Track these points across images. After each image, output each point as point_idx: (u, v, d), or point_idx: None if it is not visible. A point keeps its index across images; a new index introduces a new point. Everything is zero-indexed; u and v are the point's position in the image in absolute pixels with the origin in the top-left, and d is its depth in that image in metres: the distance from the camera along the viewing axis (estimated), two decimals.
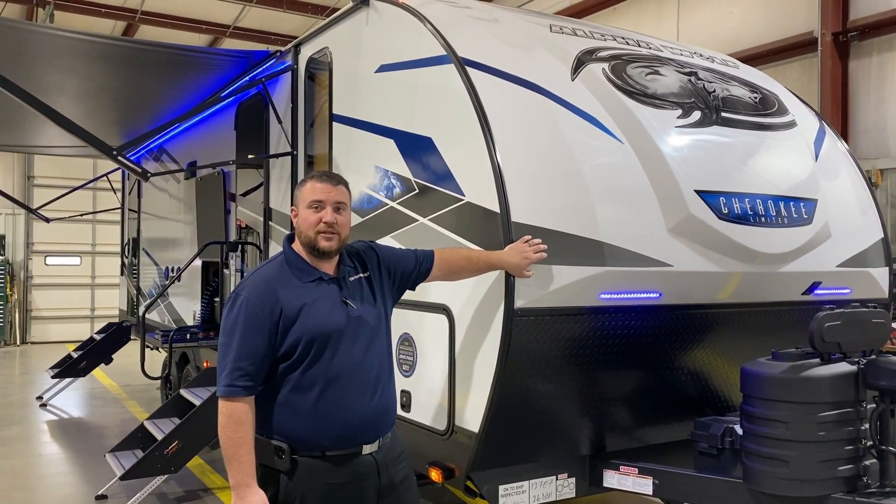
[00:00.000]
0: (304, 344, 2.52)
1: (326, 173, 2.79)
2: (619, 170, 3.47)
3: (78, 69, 5.95)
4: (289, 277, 2.62)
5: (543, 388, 3.35)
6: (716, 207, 3.53)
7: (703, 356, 3.82)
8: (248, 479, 2.48)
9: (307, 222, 2.65)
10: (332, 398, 2.54)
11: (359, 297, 2.70)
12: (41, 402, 9.29)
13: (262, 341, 2.49)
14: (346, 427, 2.56)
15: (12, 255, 15.88)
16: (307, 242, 2.66)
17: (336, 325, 2.57)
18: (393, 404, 2.74)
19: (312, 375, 2.53)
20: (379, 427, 2.66)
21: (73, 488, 5.94)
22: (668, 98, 3.79)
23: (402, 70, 3.93)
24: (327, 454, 2.55)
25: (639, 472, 3.56)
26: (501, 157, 3.23)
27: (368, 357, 2.63)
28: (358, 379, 2.59)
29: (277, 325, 2.51)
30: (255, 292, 2.55)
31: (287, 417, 2.54)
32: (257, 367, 2.49)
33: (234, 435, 2.47)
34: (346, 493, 2.57)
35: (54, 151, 10.91)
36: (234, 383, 2.47)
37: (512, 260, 3.08)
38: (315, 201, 2.65)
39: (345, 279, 2.70)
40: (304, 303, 2.56)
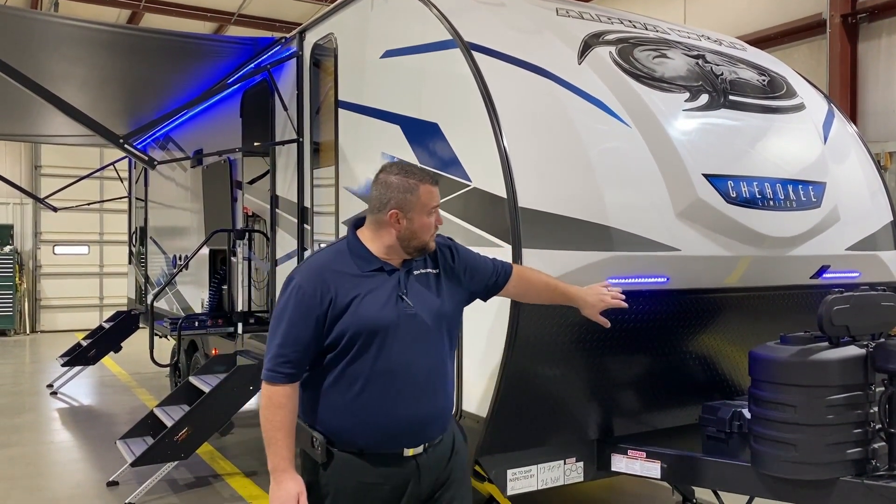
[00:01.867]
0: (350, 337, 2.41)
1: (426, 171, 2.64)
2: (626, 154, 3.45)
3: (83, 58, 5.95)
4: (347, 265, 2.50)
5: (551, 373, 3.35)
6: (724, 191, 3.51)
7: (711, 341, 3.81)
8: (285, 464, 2.41)
9: (426, 229, 2.52)
10: (374, 397, 2.43)
11: (419, 293, 2.53)
12: (52, 391, 9.36)
13: (309, 330, 2.41)
14: (385, 428, 2.45)
15: (21, 244, 15.94)
16: (420, 247, 2.54)
17: (386, 321, 2.43)
18: (446, 409, 2.58)
19: (355, 370, 2.43)
20: (424, 432, 2.50)
21: (84, 475, 5.99)
22: (676, 81, 3.76)
23: (407, 55, 3.91)
24: (364, 452, 2.46)
25: (647, 457, 3.57)
26: (508, 142, 3.22)
27: (419, 358, 2.48)
28: (404, 380, 2.45)
29: (326, 314, 2.41)
30: (307, 279, 2.46)
31: (326, 409, 2.47)
32: (301, 355, 2.42)
33: (273, 418, 2.41)
34: (381, 495, 2.47)
35: (61, 141, 10.92)
36: (276, 369, 2.42)
37: (588, 299, 2.94)
38: (434, 207, 2.55)
39: (409, 272, 2.55)
40: (358, 293, 2.44)
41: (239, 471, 5.90)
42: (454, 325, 2.65)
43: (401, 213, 2.48)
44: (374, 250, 2.52)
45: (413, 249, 2.53)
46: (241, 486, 5.56)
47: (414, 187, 2.50)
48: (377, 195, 2.53)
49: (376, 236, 2.53)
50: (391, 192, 2.50)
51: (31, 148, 15.87)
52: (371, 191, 2.55)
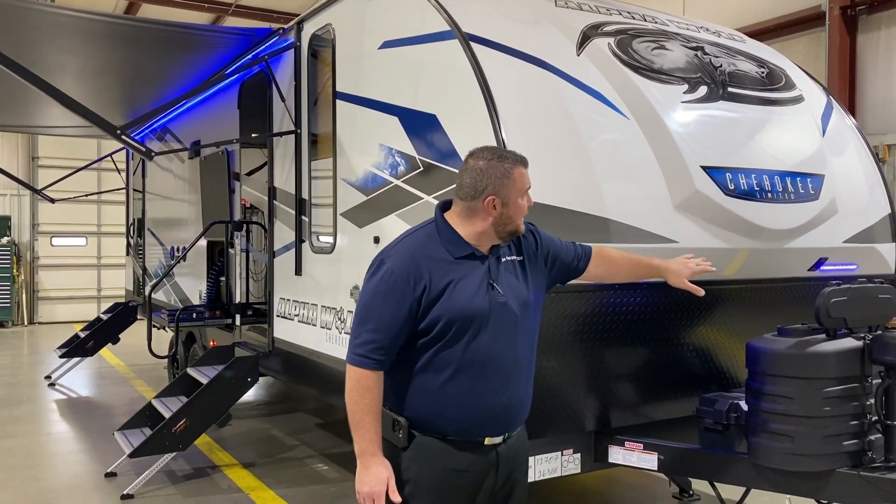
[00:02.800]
0: (444, 324, 2.35)
1: (517, 154, 2.52)
2: (624, 146, 3.45)
3: (80, 48, 5.92)
4: (438, 250, 2.42)
5: (549, 365, 3.35)
6: (722, 183, 3.51)
7: (709, 333, 3.82)
8: (374, 448, 2.37)
9: (522, 212, 2.47)
10: (461, 385, 2.38)
11: (507, 281, 2.47)
12: (49, 382, 9.36)
13: (401, 315, 2.34)
14: (470, 415, 2.41)
15: (18, 235, 15.92)
16: (513, 231, 2.47)
17: (479, 310, 2.37)
18: (526, 401, 2.54)
19: (445, 358, 2.37)
20: (506, 423, 2.48)
21: (83, 466, 6.00)
22: (675, 73, 3.75)
23: (405, 46, 3.90)
24: (447, 438, 2.42)
25: (644, 448, 3.57)
26: (506, 133, 3.22)
27: (507, 348, 2.43)
28: (492, 370, 2.41)
29: (420, 300, 2.34)
30: (400, 262, 2.37)
31: (412, 395, 2.42)
32: (393, 340, 2.36)
33: (360, 401, 2.36)
34: (462, 481, 2.43)
35: (58, 132, 10.89)
36: (367, 355, 2.36)
37: (673, 267, 2.93)
38: (527, 188, 2.48)
39: (498, 259, 2.48)
40: (451, 280, 2.37)
41: (237, 462, 5.91)
42: (538, 314, 2.59)
43: (497, 198, 2.41)
44: (464, 235, 2.44)
45: (507, 234, 2.47)
46: (238, 477, 5.57)
47: (509, 172, 2.42)
48: (470, 182, 2.43)
49: (468, 222, 2.44)
50: (486, 179, 2.41)
51: (29, 139, 15.83)
52: (461, 177, 2.46)
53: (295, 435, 6.73)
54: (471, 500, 2.45)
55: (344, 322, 4.53)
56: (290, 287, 5.24)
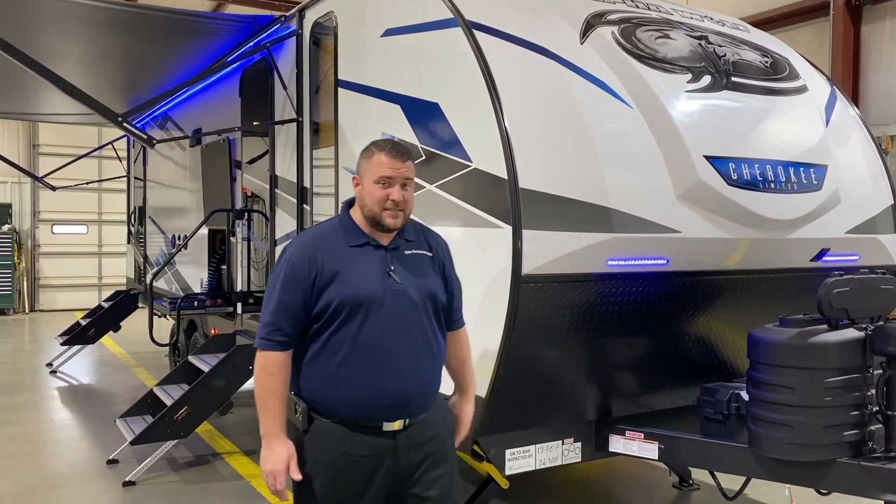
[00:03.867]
0: (335, 307, 2.46)
1: (395, 145, 2.61)
2: (628, 135, 3.44)
3: (81, 35, 5.90)
4: (336, 239, 2.57)
5: (550, 355, 3.36)
6: (725, 173, 3.50)
7: (710, 323, 3.82)
8: (277, 429, 2.48)
9: (373, 197, 2.53)
10: (355, 367, 2.47)
11: (410, 271, 2.56)
12: (51, 369, 9.38)
13: (299, 299, 2.48)
14: (365, 399, 2.47)
15: (19, 223, 15.92)
16: (371, 217, 2.55)
17: (370, 295, 2.47)
18: (430, 388, 2.58)
19: (338, 340, 2.47)
20: (402, 409, 2.50)
21: (84, 453, 6.02)
22: (678, 62, 3.74)
23: (408, 34, 3.88)
24: (344, 422, 2.49)
25: (644, 437, 3.59)
26: (509, 122, 3.20)
27: (404, 333, 2.50)
28: (387, 354, 2.47)
29: (313, 284, 2.48)
30: (298, 251, 2.54)
31: (310, 377, 2.52)
32: (292, 323, 2.49)
33: (265, 385, 2.49)
34: (358, 465, 2.49)
35: (59, 119, 10.86)
36: (269, 337, 2.49)
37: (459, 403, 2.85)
38: (384, 177, 2.52)
39: (397, 250, 2.58)
40: (344, 266, 2.50)
41: (238, 449, 5.93)
42: (442, 306, 2.64)
43: (358, 177, 2.59)
44: (359, 224, 2.59)
45: (370, 219, 2.55)
46: (240, 464, 5.59)
47: (370, 154, 2.57)
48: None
49: (356, 208, 2.61)
50: (358, 162, 2.63)
51: (29, 126, 15.80)
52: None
53: None
54: (367, 485, 2.49)
55: None
56: None
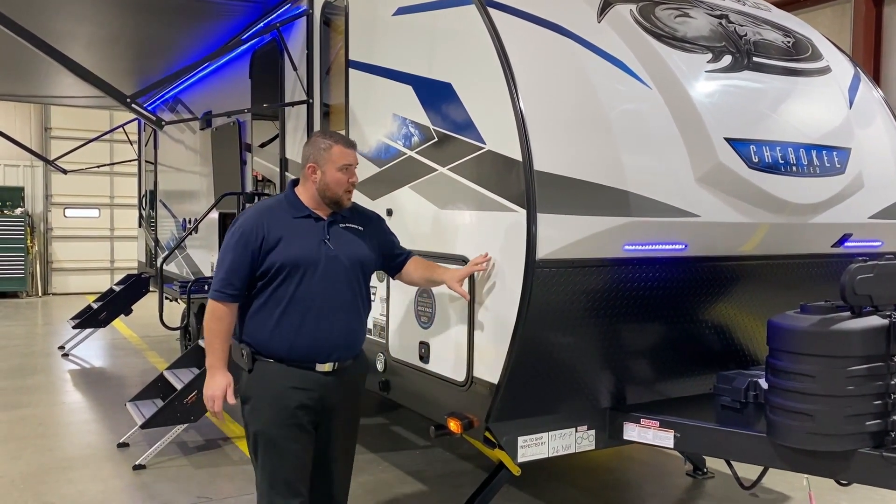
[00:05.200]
0: (277, 268, 2.98)
1: (344, 136, 3.24)
2: (646, 116, 3.34)
3: (90, 16, 5.84)
4: (282, 211, 3.09)
5: (564, 341, 3.29)
6: (746, 156, 3.40)
7: (729, 309, 3.74)
8: (219, 364, 3.04)
9: (338, 182, 3.08)
10: (293, 317, 2.99)
11: (342, 240, 3.10)
12: (63, 352, 9.41)
13: (246, 260, 2.99)
14: (301, 343, 2.99)
15: (32, 207, 15.97)
16: (333, 198, 3.10)
17: (308, 257, 3.00)
18: (356, 337, 3.15)
19: (279, 295, 2.99)
20: (333, 352, 3.05)
21: (96, 436, 6.03)
22: (698, 42, 3.63)
23: (420, 12, 3.80)
24: (283, 361, 3.01)
25: (660, 426, 3.51)
26: (524, 102, 3.12)
27: (334, 292, 3.03)
28: (319, 307, 3.00)
29: (260, 248, 2.99)
30: (248, 220, 3.05)
31: (255, 327, 3.04)
32: (241, 280, 3.01)
33: (213, 327, 3.04)
34: (295, 396, 3.00)
35: (70, 102, 10.85)
36: (221, 290, 3.01)
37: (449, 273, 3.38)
38: (347, 165, 3.10)
39: (334, 223, 3.12)
40: (286, 233, 3.01)
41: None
42: (368, 272, 3.21)
43: (316, 166, 3.09)
44: (304, 200, 3.12)
45: (329, 201, 3.10)
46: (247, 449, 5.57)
47: (329, 147, 3.10)
48: (303, 154, 3.18)
49: (303, 188, 3.15)
50: (310, 150, 3.14)
51: (41, 110, 15.80)
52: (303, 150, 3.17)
53: None
54: (302, 416, 3.02)
55: None
56: None
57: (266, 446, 3.03)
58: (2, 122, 14.38)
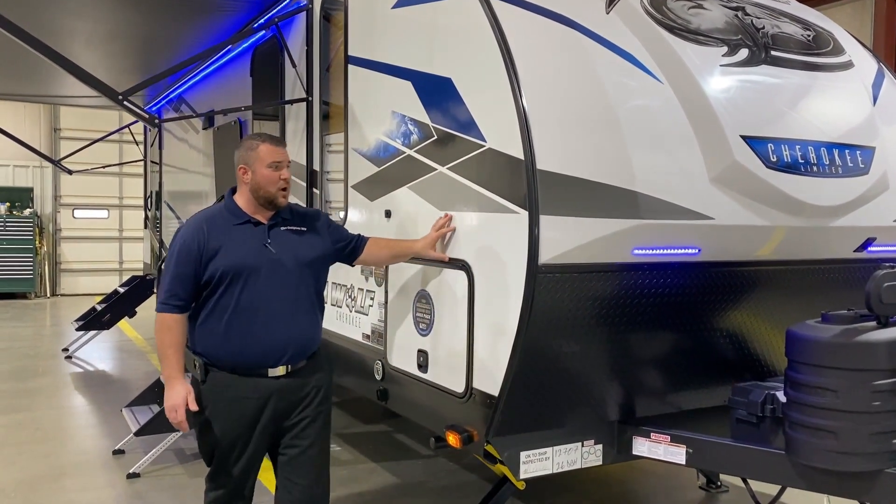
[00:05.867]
0: (219, 275, 2.98)
1: (276, 137, 3.32)
2: (657, 112, 3.15)
3: (88, 11, 5.71)
4: (221, 219, 3.09)
5: (569, 350, 3.11)
6: (763, 155, 3.21)
7: (744, 317, 3.54)
8: (175, 373, 3.00)
9: (269, 180, 3.07)
10: (240, 324, 2.99)
11: (284, 243, 3.10)
12: (66, 355, 9.31)
13: (190, 270, 2.99)
14: (250, 350, 3.00)
15: (41, 207, 15.95)
16: (267, 197, 3.08)
17: (249, 263, 3.01)
18: (307, 339, 3.13)
19: (224, 303, 2.99)
20: (284, 356, 3.04)
21: (92, 442, 5.90)
22: (713, 34, 3.44)
23: (421, 4, 3.62)
24: (235, 370, 3.01)
25: (671, 440, 3.33)
26: (527, 98, 2.93)
27: (280, 295, 3.03)
28: (266, 312, 3.01)
29: (201, 257, 2.99)
30: (189, 231, 3.06)
31: (204, 336, 3.04)
32: (186, 290, 3.01)
33: (164, 338, 3.01)
34: (248, 406, 3.01)
35: (77, 102, 10.76)
36: (167, 301, 3.00)
37: (421, 242, 3.40)
38: (275, 162, 3.08)
39: (275, 227, 3.12)
40: (227, 241, 3.02)
41: None
42: (317, 270, 3.21)
43: (246, 167, 3.10)
44: (242, 206, 3.12)
45: (263, 201, 3.09)
46: None
47: (255, 146, 3.11)
48: (235, 158, 3.17)
49: (241, 194, 3.15)
50: (240, 152, 3.15)
51: (50, 110, 15.78)
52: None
53: None
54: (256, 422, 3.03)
55: (355, 300, 4.31)
56: None
57: (219, 455, 3.07)
58: (11, 122, 14.35)
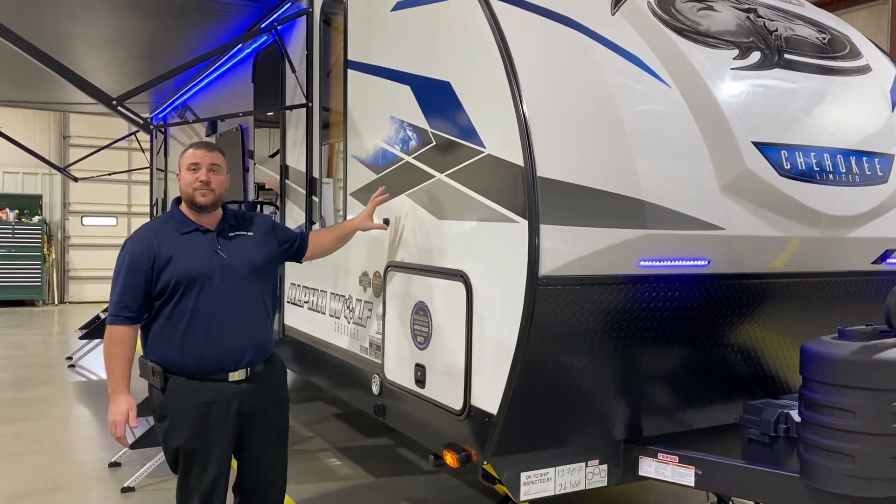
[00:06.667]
0: (173, 284, 2.99)
1: (203, 142, 3.38)
2: (665, 118, 3.01)
3: (88, 16, 5.64)
4: (169, 229, 3.11)
5: (572, 366, 2.96)
6: (776, 162, 3.06)
7: (756, 332, 3.38)
8: (121, 387, 3.03)
9: (185, 181, 3.12)
10: (196, 330, 3.00)
11: (234, 248, 3.14)
12: (70, 363, 9.23)
13: (139, 281, 2.99)
14: (207, 356, 3.01)
15: (49, 215, 15.94)
16: (187, 199, 3.12)
17: (202, 270, 3.03)
18: (263, 342, 3.17)
19: (180, 311, 3.00)
20: (243, 359, 3.08)
21: (88, 454, 5.79)
22: (723, 37, 3.30)
23: (420, 6, 3.51)
24: (195, 376, 3.02)
25: (679, 461, 3.17)
26: (528, 102, 2.80)
27: (234, 299, 3.07)
28: (222, 316, 3.03)
29: (152, 268, 2.99)
30: (136, 242, 3.07)
31: (162, 345, 3.04)
32: (137, 301, 3.00)
33: (112, 352, 3.01)
34: (210, 411, 3.02)
35: (82, 109, 10.74)
36: (117, 314, 2.99)
37: (358, 218, 3.61)
38: (192, 164, 3.12)
39: (223, 233, 3.15)
40: (177, 249, 3.03)
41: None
42: (267, 273, 3.26)
43: (178, 173, 3.18)
44: (188, 215, 3.15)
45: (188, 203, 3.14)
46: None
47: (183, 152, 3.18)
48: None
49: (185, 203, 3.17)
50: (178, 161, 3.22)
51: (60, 118, 15.78)
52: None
53: (310, 426, 6.44)
54: (220, 425, 3.04)
55: (353, 311, 4.18)
56: (300, 272, 4.91)
57: (186, 461, 3.08)
58: (22, 130, 14.36)
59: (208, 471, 3.06)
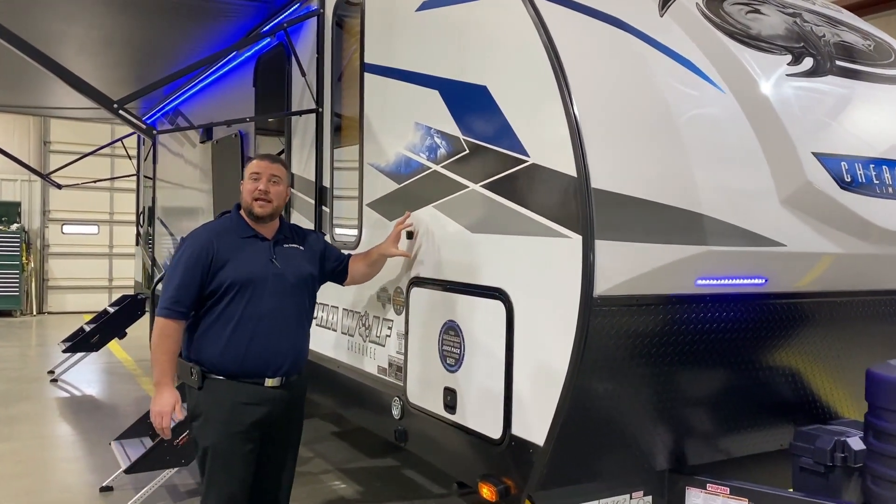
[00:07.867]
0: (227, 286, 3.06)
1: (268, 154, 3.53)
2: (721, 125, 2.81)
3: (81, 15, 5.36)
4: (230, 232, 3.21)
5: (623, 393, 2.74)
6: (838, 174, 2.87)
7: (812, 354, 3.19)
8: (166, 379, 3.08)
9: (246, 190, 3.23)
10: (243, 334, 3.06)
11: (287, 259, 3.23)
12: (52, 378, 8.86)
13: (196, 279, 3.07)
14: (250, 358, 3.07)
15: (28, 222, 15.47)
16: (246, 207, 3.23)
17: (257, 276, 3.11)
18: (302, 353, 3.26)
19: (230, 312, 3.07)
20: (281, 367, 3.14)
21: (77, 476, 5.47)
22: (775, 41, 3.12)
23: (450, 6, 3.29)
24: (234, 377, 3.07)
25: (731, 493, 2.95)
26: (579, 108, 2.59)
27: (281, 308, 3.14)
28: (268, 323, 3.10)
29: (209, 267, 3.07)
30: (197, 240, 3.17)
31: (206, 343, 3.10)
32: (190, 298, 3.07)
33: (161, 344, 3.06)
34: (246, 412, 3.08)
35: (68, 114, 10.38)
36: (170, 307, 3.06)
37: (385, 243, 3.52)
38: (254, 174, 3.23)
39: (279, 243, 3.25)
40: (235, 253, 3.12)
41: None
42: (312, 288, 3.36)
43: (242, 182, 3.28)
44: (248, 222, 3.25)
45: (247, 212, 3.24)
46: None
47: (249, 162, 3.33)
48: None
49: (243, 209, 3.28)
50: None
51: (40, 123, 15.35)
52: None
53: (310, 445, 6.15)
54: (251, 427, 3.09)
55: (369, 329, 3.94)
56: None
57: (215, 461, 3.09)
58: (0, 135, 13.95)
59: (237, 471, 3.09)
